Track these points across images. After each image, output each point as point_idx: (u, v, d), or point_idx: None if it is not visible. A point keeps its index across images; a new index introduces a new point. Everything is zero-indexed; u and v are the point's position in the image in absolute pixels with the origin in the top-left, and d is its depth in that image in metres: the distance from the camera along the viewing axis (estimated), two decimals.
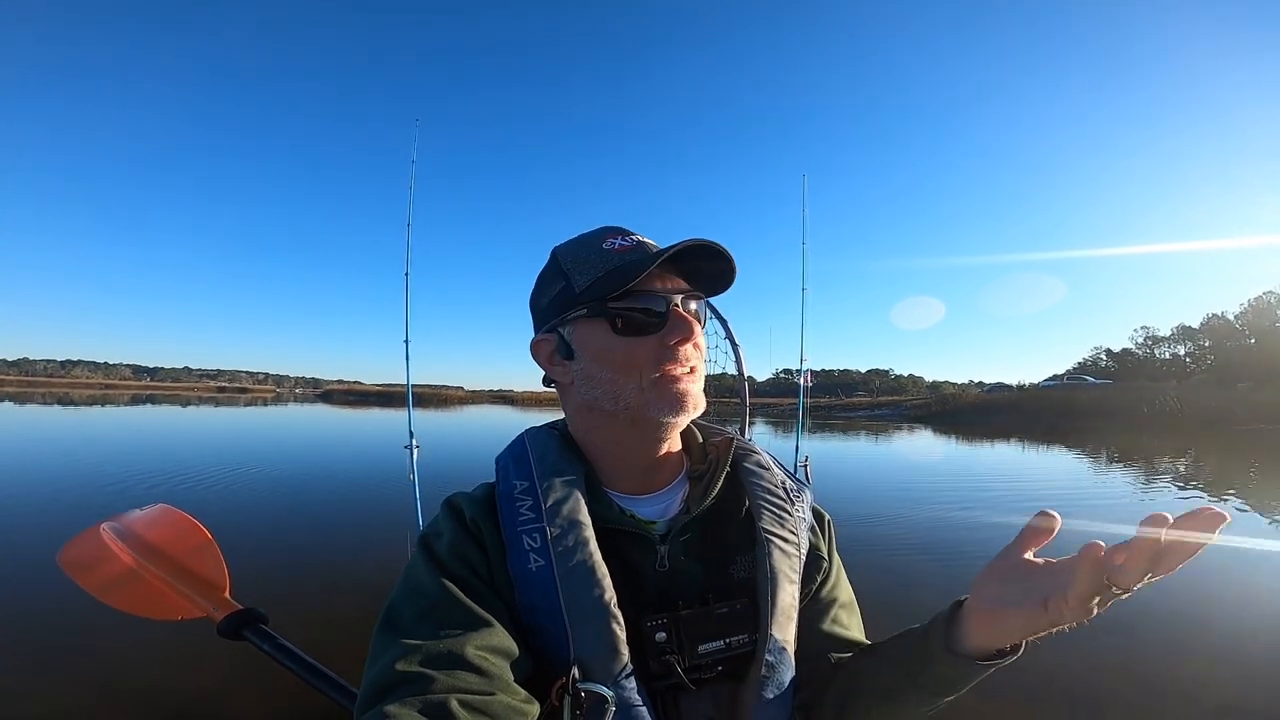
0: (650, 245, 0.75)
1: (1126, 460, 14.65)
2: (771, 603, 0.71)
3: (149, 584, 1.32)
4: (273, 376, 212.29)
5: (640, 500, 0.78)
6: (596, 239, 0.76)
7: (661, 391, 0.72)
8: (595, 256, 0.74)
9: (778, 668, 0.69)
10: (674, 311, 0.72)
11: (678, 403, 0.72)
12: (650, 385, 0.72)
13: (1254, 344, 47.56)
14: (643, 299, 0.72)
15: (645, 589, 0.72)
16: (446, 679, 0.56)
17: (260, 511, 6.66)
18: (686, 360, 0.73)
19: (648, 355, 0.72)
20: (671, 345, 0.72)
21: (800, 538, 0.79)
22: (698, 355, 0.76)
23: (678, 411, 0.73)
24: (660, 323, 0.72)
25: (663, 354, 0.72)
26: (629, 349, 0.72)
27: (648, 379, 0.72)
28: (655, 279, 0.73)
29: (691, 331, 0.72)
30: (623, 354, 0.72)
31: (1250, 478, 12.11)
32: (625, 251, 0.73)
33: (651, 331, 0.72)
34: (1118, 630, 3.69)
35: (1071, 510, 3.39)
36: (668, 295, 0.73)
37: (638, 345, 0.72)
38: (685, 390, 0.73)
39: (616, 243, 0.74)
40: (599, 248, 0.74)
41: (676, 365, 0.72)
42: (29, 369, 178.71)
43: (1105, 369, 60.96)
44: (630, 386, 0.72)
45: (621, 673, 0.63)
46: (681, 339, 0.72)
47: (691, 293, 0.75)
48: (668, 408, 0.72)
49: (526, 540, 0.68)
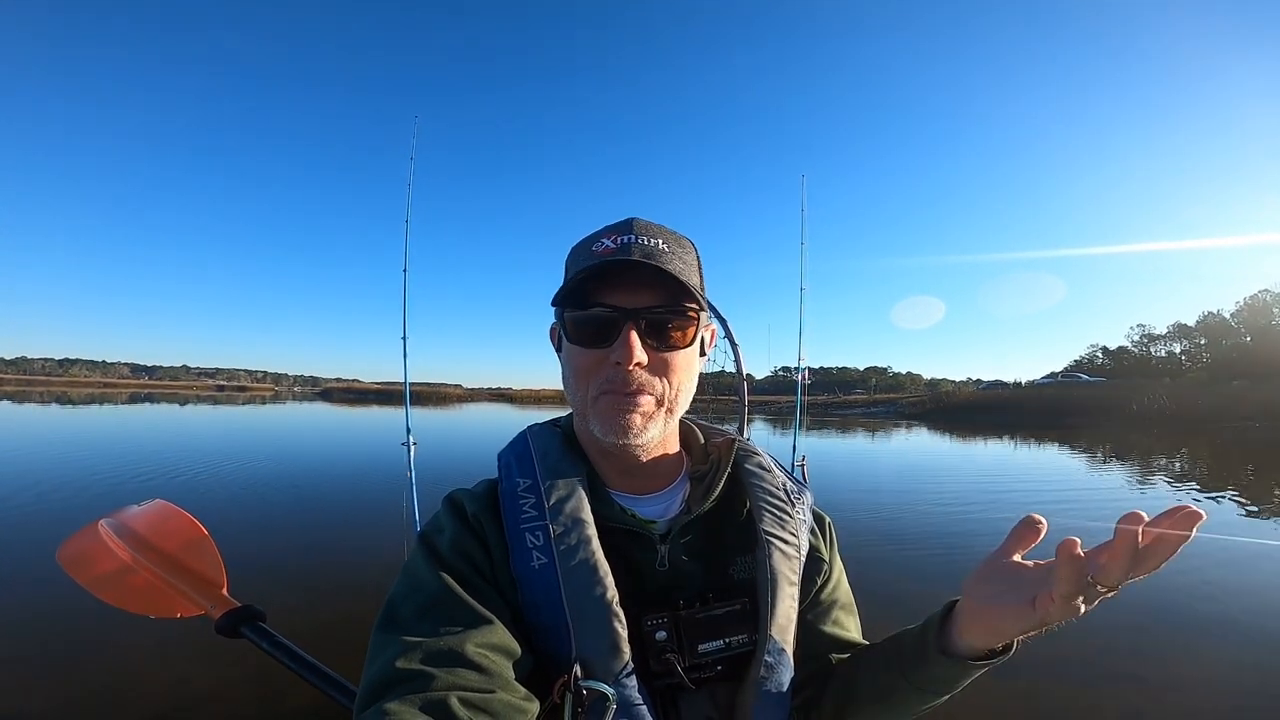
0: (639, 245, 0.70)
1: (1109, 456, 14.81)
2: (771, 604, 0.71)
3: (147, 581, 1.32)
4: (271, 375, 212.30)
5: (641, 500, 0.78)
6: (595, 238, 0.74)
7: (600, 410, 0.71)
8: (583, 256, 0.73)
9: (777, 668, 0.69)
10: (625, 330, 0.68)
11: (611, 425, 0.70)
12: (593, 400, 0.71)
13: (1250, 342, 47.72)
14: (596, 309, 0.69)
15: (646, 588, 0.72)
16: (447, 676, 0.55)
17: (258, 508, 6.65)
18: (628, 384, 0.69)
19: (592, 367, 0.71)
20: (613, 364, 0.69)
21: (800, 540, 0.79)
22: (661, 383, 0.71)
23: (609, 433, 0.70)
24: (608, 338, 0.69)
25: (606, 371, 0.70)
26: (579, 358, 0.71)
27: (593, 393, 0.71)
28: (618, 290, 0.69)
29: (627, 356, 0.67)
30: (575, 361, 0.72)
31: (1230, 473, 12.28)
32: (606, 254, 0.70)
33: (600, 344, 0.70)
34: (1117, 627, 3.71)
35: (1053, 506, 3.42)
36: (623, 311, 0.69)
37: (584, 356, 0.71)
38: (620, 415, 0.69)
39: (606, 243, 0.71)
40: (590, 247, 0.73)
41: (616, 386, 0.69)
42: (27, 367, 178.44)
43: (1101, 367, 61.23)
44: (579, 396, 0.72)
45: (623, 671, 0.63)
46: (619, 360, 0.68)
47: (660, 309, 0.70)
48: (602, 427, 0.70)
49: (530, 538, 0.68)
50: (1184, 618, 3.91)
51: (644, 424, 0.71)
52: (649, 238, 0.71)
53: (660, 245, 0.71)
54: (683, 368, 0.73)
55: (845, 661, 0.79)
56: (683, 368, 0.73)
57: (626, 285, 0.69)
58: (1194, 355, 56.06)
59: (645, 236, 0.71)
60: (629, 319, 0.68)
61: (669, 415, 0.74)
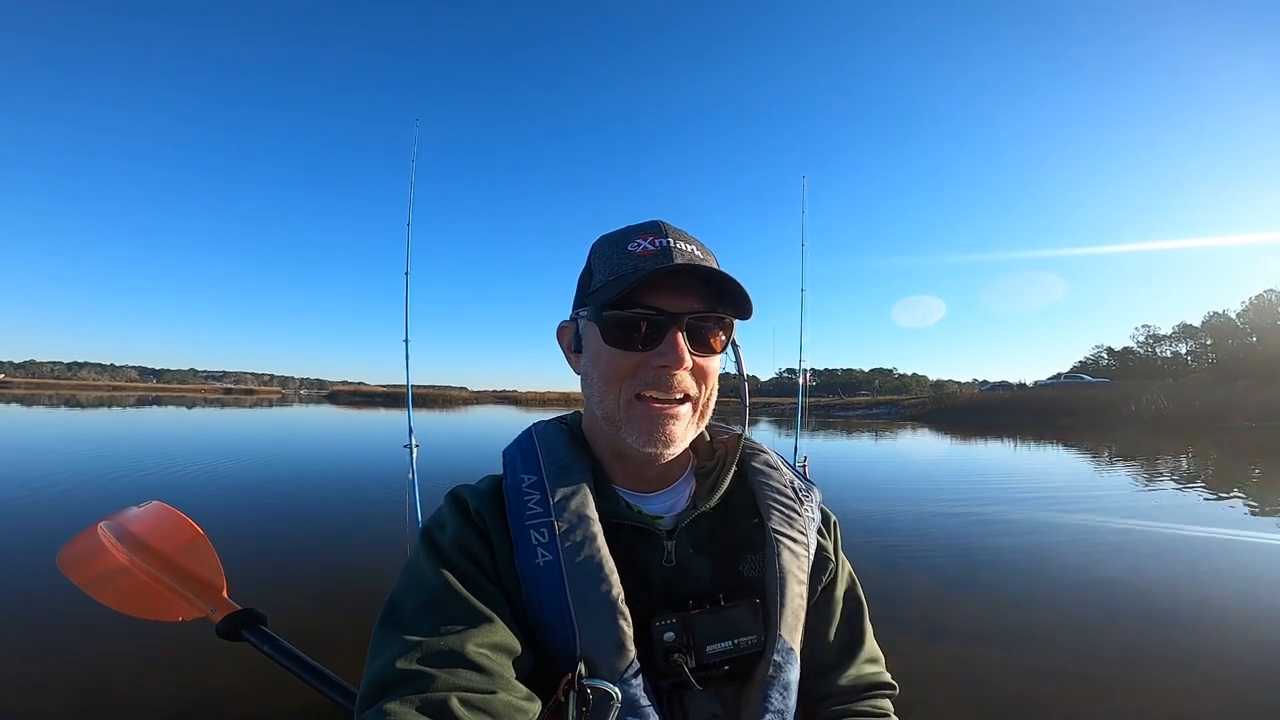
0: (679, 250, 0.69)
1: (1108, 457, 14.93)
2: (781, 603, 0.71)
3: (147, 585, 1.32)
4: (278, 378, 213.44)
5: (647, 497, 0.77)
6: (627, 237, 0.72)
7: (635, 416, 0.69)
8: (616, 255, 0.71)
9: (784, 668, 0.69)
10: (670, 333, 0.67)
11: (648, 433, 0.69)
12: (627, 404, 0.70)
13: (1255, 342, 47.41)
14: (639, 311, 0.68)
15: (652, 585, 0.71)
16: (447, 676, 0.55)
17: (260, 511, 6.67)
18: (672, 388, 0.68)
19: (629, 371, 0.69)
20: (656, 368, 0.68)
21: (809, 538, 0.78)
22: (698, 389, 0.71)
23: (647, 443, 0.69)
24: (653, 340, 0.68)
25: (645, 374, 0.68)
26: (613, 360, 0.70)
27: (626, 396, 0.69)
28: (660, 292, 0.68)
29: (677, 358, 0.66)
30: (608, 364, 0.70)
31: (1217, 470, 12.34)
32: (646, 256, 0.69)
33: (639, 348, 0.68)
34: (1116, 623, 3.67)
35: (1038, 504, 3.37)
36: (668, 312, 0.68)
37: (622, 359, 0.69)
38: (660, 424, 0.69)
39: (643, 244, 0.70)
40: (624, 246, 0.71)
41: (657, 390, 0.68)
42: (36, 371, 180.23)
43: (1106, 368, 60.96)
44: (610, 399, 0.71)
45: (628, 670, 0.63)
46: (664, 364, 0.67)
47: (703, 314, 0.69)
48: (639, 436, 0.69)
49: (534, 534, 0.67)
50: (1172, 614, 3.87)
51: (682, 434, 0.71)
52: (684, 242, 0.71)
53: (696, 251, 0.71)
54: (714, 373, 0.74)
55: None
56: (714, 373, 0.74)
57: (671, 289, 0.69)
58: (1199, 355, 55.73)
59: (680, 241, 0.71)
60: (674, 322, 0.68)
61: (700, 421, 0.74)
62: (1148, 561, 5.19)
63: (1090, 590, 4.42)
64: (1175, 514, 7.20)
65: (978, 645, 3.36)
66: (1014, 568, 5.04)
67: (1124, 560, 5.18)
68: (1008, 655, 3.21)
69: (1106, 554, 5.38)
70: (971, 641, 3.42)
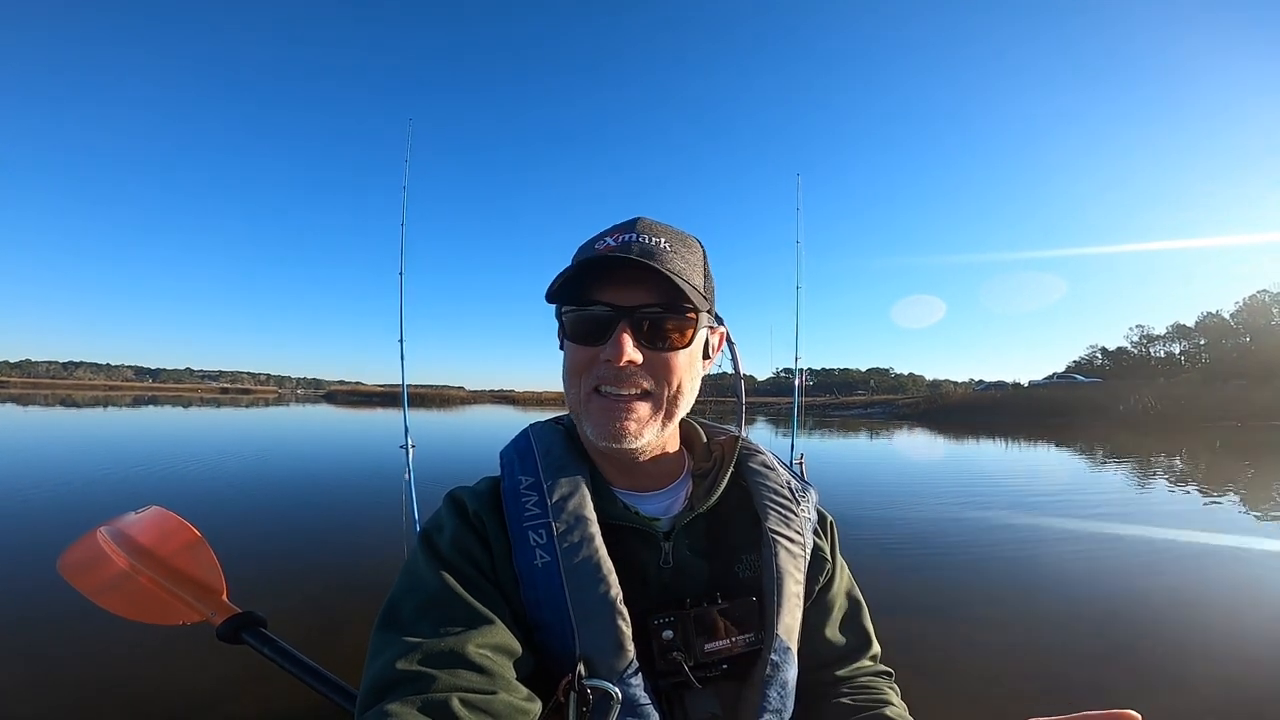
0: (640, 244, 0.69)
1: (1086, 457, 15.09)
2: (777, 602, 0.71)
3: (147, 589, 1.32)
4: (274, 378, 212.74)
5: (644, 497, 0.77)
6: (601, 236, 0.74)
7: (592, 410, 0.70)
8: (582, 252, 0.73)
9: (782, 667, 0.69)
10: (617, 328, 0.68)
11: (604, 426, 0.69)
12: (586, 398, 0.71)
13: (1249, 342, 47.62)
14: (590, 307, 0.69)
15: (650, 586, 0.71)
16: (448, 677, 0.55)
17: (258, 513, 6.63)
18: (623, 382, 0.69)
19: (584, 366, 0.70)
20: (603, 362, 0.68)
21: (805, 538, 0.78)
22: (657, 385, 0.71)
23: (602, 437, 0.70)
24: (603, 335, 0.69)
25: (598, 369, 0.69)
26: (573, 355, 0.72)
27: (585, 390, 0.71)
28: (614, 286, 0.69)
29: (618, 353, 0.66)
30: (570, 358, 0.72)
31: (1188, 469, 12.48)
32: (606, 252, 0.69)
33: (591, 342, 0.69)
34: (1115, 620, 3.69)
35: (1022, 503, 3.35)
36: (617, 306, 0.68)
37: (579, 353, 0.71)
38: (615, 418, 0.69)
39: (608, 240, 0.71)
40: (592, 244, 0.73)
41: (610, 385, 0.69)
42: (31, 371, 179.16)
43: (1100, 368, 61.21)
44: (573, 394, 0.73)
45: (627, 670, 0.63)
46: (608, 358, 0.67)
47: (653, 307, 0.69)
48: (595, 430, 0.70)
49: (532, 536, 0.68)
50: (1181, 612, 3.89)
51: (639, 429, 0.70)
52: (651, 236, 0.71)
53: (662, 244, 0.70)
54: (681, 368, 0.72)
55: None
56: (681, 368, 0.72)
57: (623, 283, 0.69)
58: (1193, 356, 55.94)
59: (648, 235, 0.71)
60: (623, 317, 0.68)
61: (667, 419, 0.73)
62: (1113, 564, 5.20)
63: (1065, 594, 4.44)
64: (1152, 517, 7.22)
65: (956, 638, 3.38)
66: (989, 568, 5.05)
67: (1099, 563, 5.19)
68: (998, 650, 3.23)
69: (1083, 557, 5.39)
70: (950, 634, 3.44)
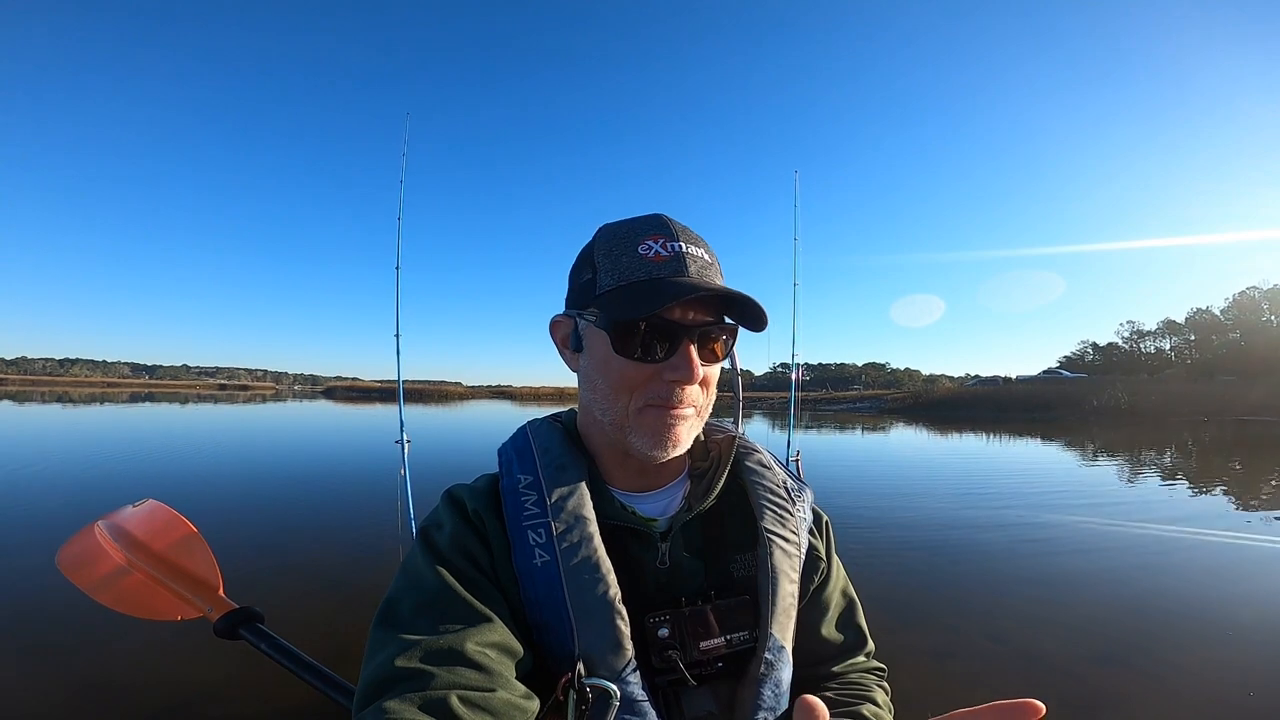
0: (691, 256, 0.69)
1: (1091, 449, 15.43)
2: (772, 601, 0.71)
3: (145, 585, 1.31)
4: (272, 374, 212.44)
5: (642, 497, 0.77)
6: (635, 236, 0.70)
7: (644, 423, 0.69)
8: (625, 259, 0.69)
9: (776, 665, 0.70)
10: (684, 347, 0.67)
11: (657, 440, 0.69)
12: (636, 412, 0.69)
13: (1238, 338, 47.93)
14: (653, 325, 0.67)
15: (647, 585, 0.72)
16: (446, 675, 0.55)
17: (255, 508, 6.61)
18: (681, 400, 0.69)
19: (640, 382, 0.68)
20: (667, 381, 0.67)
21: (801, 538, 0.79)
22: (702, 395, 0.72)
23: (654, 448, 0.69)
24: (665, 353, 0.67)
25: (657, 387, 0.68)
26: (624, 370, 0.68)
27: (635, 405, 0.69)
28: (674, 306, 0.67)
29: (691, 375, 0.67)
30: (618, 372, 0.69)
31: (1149, 462, 12.75)
32: (659, 262, 0.68)
33: (652, 359, 0.68)
34: (1114, 620, 3.71)
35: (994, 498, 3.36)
36: (681, 328, 0.67)
37: (633, 370, 0.68)
38: (668, 430, 0.69)
39: (654, 248, 0.69)
40: (634, 249, 0.69)
41: (667, 403, 0.68)
42: (28, 368, 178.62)
43: (1090, 363, 61.59)
44: (618, 406, 0.70)
45: (626, 668, 0.63)
46: (677, 379, 0.67)
47: (713, 325, 0.69)
48: (646, 442, 0.69)
49: (532, 535, 0.67)
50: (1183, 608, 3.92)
51: (688, 439, 0.71)
52: (693, 245, 0.71)
53: (706, 257, 0.72)
54: (715, 378, 0.74)
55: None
56: (715, 378, 0.74)
57: (688, 302, 0.68)
58: (1182, 351, 56.22)
59: (690, 244, 0.70)
60: (687, 335, 0.67)
61: (701, 423, 0.75)
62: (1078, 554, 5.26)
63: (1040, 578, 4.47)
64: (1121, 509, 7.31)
65: (953, 636, 3.40)
66: (960, 562, 5.08)
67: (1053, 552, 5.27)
68: (993, 648, 3.24)
69: (1050, 546, 5.44)
70: (949, 633, 3.46)
